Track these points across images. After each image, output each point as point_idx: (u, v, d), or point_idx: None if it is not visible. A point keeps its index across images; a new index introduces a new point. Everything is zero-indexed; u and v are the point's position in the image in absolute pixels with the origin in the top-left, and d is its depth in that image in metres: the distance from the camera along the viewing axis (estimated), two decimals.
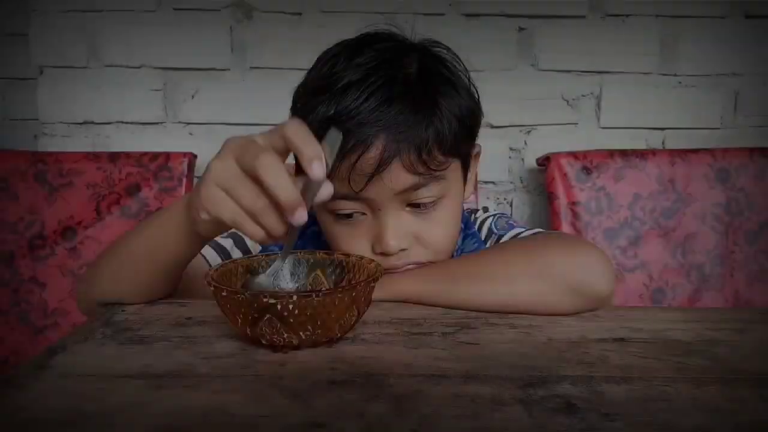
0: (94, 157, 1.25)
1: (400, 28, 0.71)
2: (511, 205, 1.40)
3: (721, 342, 0.54)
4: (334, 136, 0.48)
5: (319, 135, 0.47)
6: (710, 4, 1.32)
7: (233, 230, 0.57)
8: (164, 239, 0.58)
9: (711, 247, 1.25)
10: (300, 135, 0.45)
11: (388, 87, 0.60)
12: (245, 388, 0.43)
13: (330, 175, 0.47)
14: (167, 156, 1.25)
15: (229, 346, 0.52)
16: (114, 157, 1.25)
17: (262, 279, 0.56)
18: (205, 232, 0.53)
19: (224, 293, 0.48)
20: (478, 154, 0.74)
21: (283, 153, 0.47)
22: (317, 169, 0.44)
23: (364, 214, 0.65)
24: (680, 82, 1.35)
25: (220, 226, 0.51)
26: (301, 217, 0.44)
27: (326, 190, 0.47)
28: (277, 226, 0.46)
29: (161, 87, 1.33)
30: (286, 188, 0.44)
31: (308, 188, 0.46)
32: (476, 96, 0.70)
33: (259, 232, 0.47)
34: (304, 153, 0.44)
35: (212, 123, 1.34)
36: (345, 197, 0.63)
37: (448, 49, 0.71)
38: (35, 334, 1.21)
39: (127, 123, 1.34)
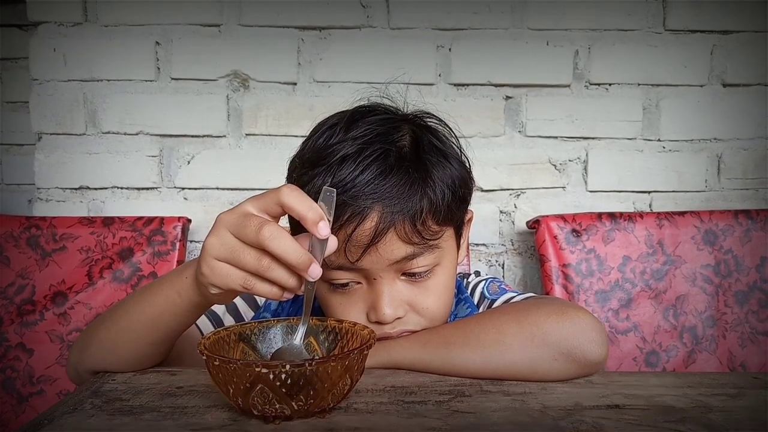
0: (88, 221, 1.25)
1: (393, 99, 0.74)
2: (502, 267, 1.41)
3: (716, 408, 0.54)
4: (329, 194, 0.52)
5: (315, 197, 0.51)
6: (689, 73, 1.38)
7: None
8: (168, 309, 0.59)
9: (702, 308, 1.26)
10: (299, 201, 0.49)
11: (383, 160, 0.62)
12: None
13: (332, 230, 0.51)
14: (161, 220, 1.26)
15: (220, 416, 0.51)
16: (108, 221, 1.25)
17: (295, 346, 0.57)
18: (220, 302, 0.57)
19: (216, 362, 0.48)
20: (470, 220, 0.76)
21: (277, 216, 0.50)
22: (323, 229, 0.48)
23: (359, 283, 0.66)
24: (664, 147, 1.39)
25: (233, 294, 0.54)
26: (316, 272, 0.49)
27: (333, 244, 0.51)
28: (287, 279, 0.49)
29: (158, 153, 1.35)
30: (294, 250, 0.48)
31: (314, 245, 0.50)
32: (468, 165, 0.72)
33: (273, 289, 0.50)
34: (308, 217, 0.48)
35: (207, 188, 1.36)
36: (341, 267, 0.64)
37: (440, 120, 0.73)
38: (20, 403, 1.18)
39: (122, 188, 1.36)
